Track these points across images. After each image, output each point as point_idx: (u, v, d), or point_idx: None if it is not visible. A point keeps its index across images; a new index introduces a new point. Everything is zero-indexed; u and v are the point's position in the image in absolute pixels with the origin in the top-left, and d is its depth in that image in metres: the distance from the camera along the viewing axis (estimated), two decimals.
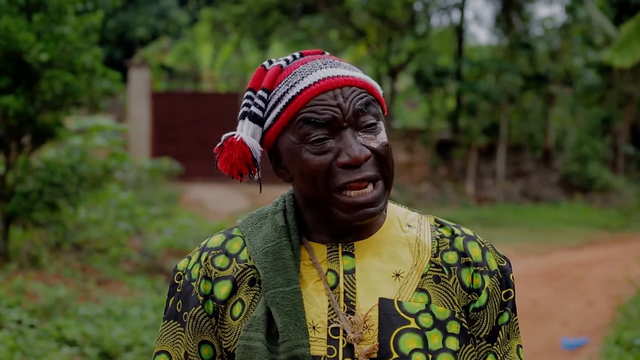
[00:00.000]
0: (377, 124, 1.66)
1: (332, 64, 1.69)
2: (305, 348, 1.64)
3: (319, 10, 23.04)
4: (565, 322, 9.22)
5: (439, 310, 1.68)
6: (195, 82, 27.18)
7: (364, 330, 1.66)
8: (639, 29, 15.11)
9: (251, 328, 1.66)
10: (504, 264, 1.76)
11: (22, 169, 9.04)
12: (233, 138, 1.69)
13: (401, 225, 1.75)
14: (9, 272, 8.34)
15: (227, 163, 1.70)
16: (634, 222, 18.72)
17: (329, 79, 1.65)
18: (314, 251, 1.71)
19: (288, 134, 1.66)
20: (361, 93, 1.66)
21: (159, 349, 1.77)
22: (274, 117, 1.67)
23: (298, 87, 1.65)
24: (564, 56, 23.44)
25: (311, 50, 1.75)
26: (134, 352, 6.86)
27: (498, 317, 1.73)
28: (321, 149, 1.63)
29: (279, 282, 1.66)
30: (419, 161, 22.76)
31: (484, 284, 1.72)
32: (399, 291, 1.68)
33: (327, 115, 1.63)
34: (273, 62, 1.72)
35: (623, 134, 23.52)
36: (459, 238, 1.74)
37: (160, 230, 11.84)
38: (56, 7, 8.59)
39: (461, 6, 23.79)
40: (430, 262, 1.71)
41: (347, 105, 1.64)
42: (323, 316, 1.67)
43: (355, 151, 1.62)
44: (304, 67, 1.68)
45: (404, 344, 1.65)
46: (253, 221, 1.77)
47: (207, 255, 1.74)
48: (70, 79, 8.48)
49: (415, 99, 28.41)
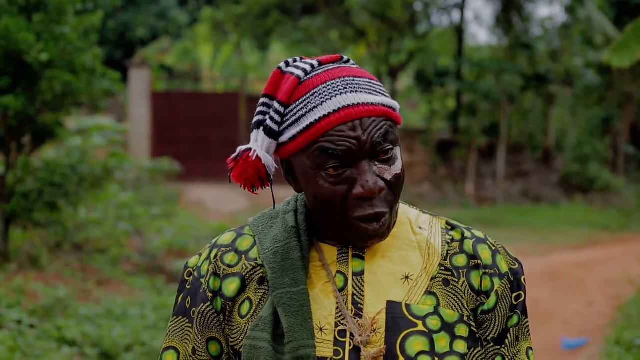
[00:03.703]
0: (393, 151, 1.65)
1: (352, 86, 1.65)
2: (310, 349, 1.63)
3: (319, 10, 23.03)
4: (565, 322, 9.22)
5: (448, 313, 1.68)
6: (195, 82, 27.18)
7: (371, 333, 1.65)
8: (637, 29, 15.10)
9: (257, 328, 1.66)
10: (515, 267, 1.74)
11: (22, 169, 9.03)
12: (249, 154, 1.68)
13: (412, 228, 1.74)
14: (9, 272, 8.33)
15: (240, 178, 1.70)
16: (634, 222, 18.72)
17: (349, 108, 1.63)
18: (324, 253, 1.71)
19: (303, 157, 1.65)
20: (380, 123, 1.64)
21: (167, 344, 1.77)
22: (289, 137, 1.65)
23: (317, 113, 1.63)
24: (564, 56, 23.43)
25: (330, 57, 1.71)
26: (134, 352, 6.86)
27: (507, 319, 1.72)
28: (336, 180, 1.63)
29: (286, 282, 1.66)
30: (419, 161, 22.75)
31: (494, 286, 1.71)
32: (408, 294, 1.68)
33: (345, 147, 1.61)
34: (290, 65, 1.69)
35: (623, 134, 23.51)
36: (469, 241, 1.73)
37: (160, 230, 11.84)
38: (56, 7, 8.58)
39: (461, 6, 23.79)
40: (439, 265, 1.71)
41: (365, 138, 1.62)
42: (330, 318, 1.67)
43: (370, 183, 1.62)
44: (323, 87, 1.65)
45: (411, 346, 1.65)
46: (264, 220, 1.76)
47: (217, 252, 1.75)
48: (70, 79, 8.48)
49: (415, 99, 28.39)
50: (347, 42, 23.97)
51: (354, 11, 22.57)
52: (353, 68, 1.70)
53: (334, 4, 22.78)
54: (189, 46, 28.68)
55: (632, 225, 18.41)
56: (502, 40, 23.91)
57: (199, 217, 14.75)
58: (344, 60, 1.71)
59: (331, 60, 1.70)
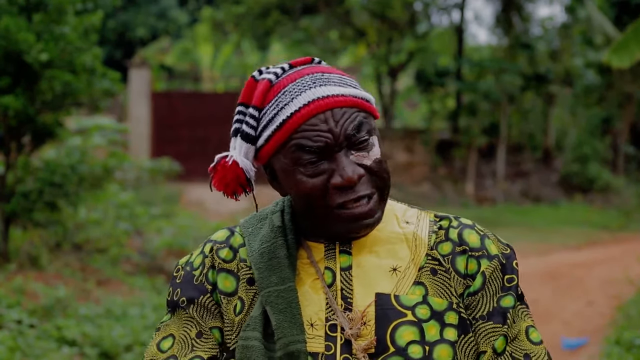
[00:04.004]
0: (369, 140, 1.66)
1: (322, 80, 1.68)
2: (301, 344, 1.65)
3: (319, 10, 23.04)
4: (565, 322, 9.22)
5: (436, 302, 1.68)
6: (195, 82, 27.17)
7: (361, 326, 1.66)
8: (637, 30, 15.11)
9: (249, 327, 1.68)
10: (507, 251, 1.75)
11: (22, 169, 9.03)
12: (225, 161, 1.71)
13: (399, 222, 1.75)
14: (9, 272, 8.33)
15: (221, 184, 1.73)
16: (634, 222, 18.73)
17: (319, 100, 1.65)
18: (312, 250, 1.72)
19: (281, 156, 1.67)
20: (352, 114, 1.65)
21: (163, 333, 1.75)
22: (265, 138, 1.68)
23: (288, 110, 1.65)
24: (564, 56, 23.44)
25: (301, 60, 1.73)
26: (134, 352, 6.86)
27: (500, 299, 1.72)
28: (314, 172, 1.64)
29: (273, 281, 1.68)
30: (419, 161, 22.75)
31: (480, 267, 1.71)
32: (396, 285, 1.69)
33: (320, 143, 1.63)
34: (263, 73, 1.72)
35: (623, 134, 23.52)
36: (454, 229, 1.74)
37: (160, 230, 11.84)
38: (56, 7, 8.58)
39: (461, 6, 23.80)
40: (426, 254, 1.72)
41: (338, 130, 1.64)
42: (321, 313, 1.68)
43: (348, 172, 1.63)
44: (293, 85, 1.67)
45: (400, 337, 1.66)
46: (254, 222, 1.79)
47: (213, 246, 1.77)
48: (70, 79, 8.48)
49: (415, 99, 28.41)
50: (347, 42, 23.98)
51: (354, 11, 22.57)
52: (324, 67, 1.73)
53: (334, 4, 22.79)
54: (189, 46, 28.68)
55: (632, 225, 18.42)
56: (502, 40, 23.93)
57: (199, 217, 14.75)
58: (316, 62, 1.74)
59: (302, 62, 1.73)
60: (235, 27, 23.99)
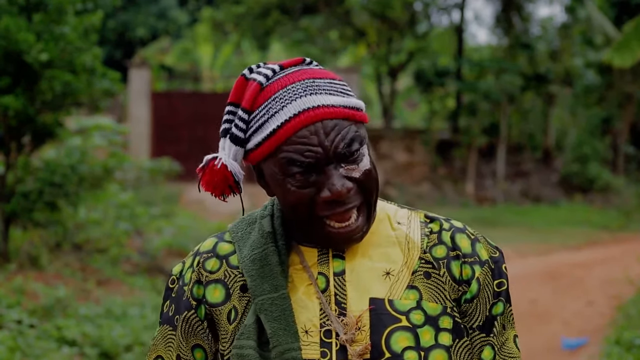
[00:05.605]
0: (360, 151, 1.65)
1: (312, 88, 1.65)
2: (296, 352, 1.64)
3: (319, 10, 23.04)
4: (565, 322, 9.22)
5: (430, 307, 1.68)
6: (195, 82, 27.17)
7: (356, 332, 1.65)
8: (638, 29, 15.11)
9: (242, 336, 1.67)
10: (496, 255, 1.75)
11: (22, 169, 9.03)
12: (214, 163, 1.71)
13: (391, 224, 1.75)
14: (9, 272, 8.33)
15: (209, 186, 1.73)
16: (634, 222, 18.73)
17: (309, 110, 1.63)
18: (305, 254, 1.71)
19: (270, 164, 1.66)
20: (344, 129, 1.63)
21: (153, 354, 1.78)
22: (255, 144, 1.66)
23: (279, 119, 1.63)
24: (564, 56, 23.44)
25: (292, 60, 1.71)
26: (133, 352, 6.86)
27: (492, 307, 1.73)
28: (303, 183, 1.63)
29: (266, 289, 1.67)
30: (419, 161, 22.76)
31: (474, 274, 1.71)
32: (390, 290, 1.68)
33: (310, 158, 1.62)
34: (253, 72, 1.70)
35: (623, 134, 23.52)
36: (446, 232, 1.74)
37: (160, 230, 11.84)
38: (56, 7, 8.58)
39: (461, 6, 23.80)
40: (420, 258, 1.71)
41: (329, 145, 1.62)
42: (315, 320, 1.67)
43: (337, 186, 1.61)
44: (283, 92, 1.65)
45: (396, 342, 1.65)
46: (243, 226, 1.78)
47: (199, 260, 1.75)
48: (70, 79, 8.48)
49: (415, 99, 28.41)
50: (347, 42, 23.98)
51: (354, 11, 22.57)
52: (315, 69, 1.70)
53: (334, 4, 22.79)
54: (189, 46, 28.69)
55: (632, 225, 18.42)
56: (502, 40, 23.92)
57: (199, 217, 14.75)
58: (306, 63, 1.72)
59: (293, 63, 1.71)
60: (235, 27, 24.00)
